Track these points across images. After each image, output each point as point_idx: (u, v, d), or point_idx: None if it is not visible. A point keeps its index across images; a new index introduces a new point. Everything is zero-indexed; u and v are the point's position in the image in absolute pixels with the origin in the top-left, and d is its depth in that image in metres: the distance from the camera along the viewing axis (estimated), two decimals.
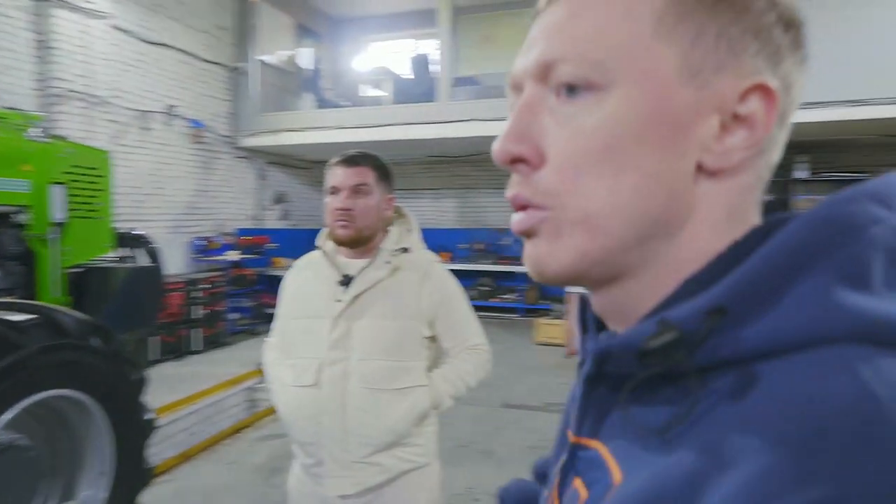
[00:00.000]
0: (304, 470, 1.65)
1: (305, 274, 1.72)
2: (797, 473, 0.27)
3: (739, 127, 0.39)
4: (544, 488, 0.54)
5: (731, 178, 0.40)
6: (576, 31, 0.40)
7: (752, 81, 0.38)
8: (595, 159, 0.39)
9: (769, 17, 0.39)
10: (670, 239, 0.40)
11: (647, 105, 0.38)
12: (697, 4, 0.39)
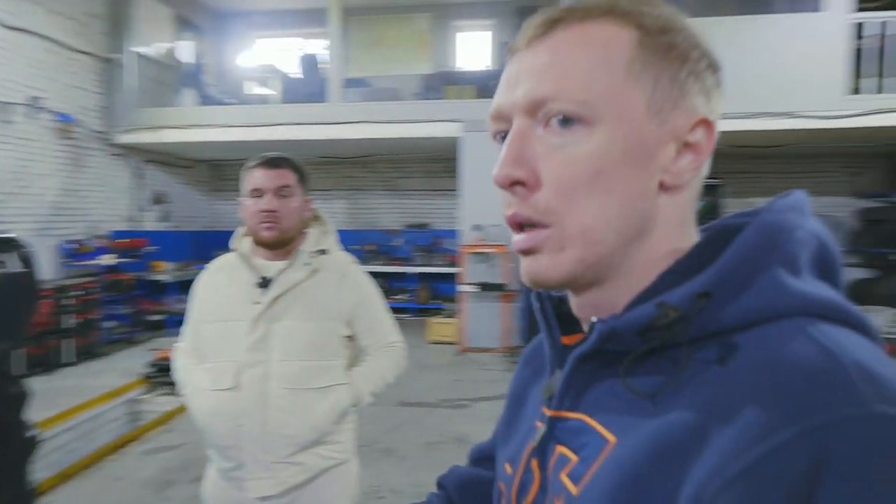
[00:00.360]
0: (221, 475, 1.65)
1: (220, 276, 1.71)
2: (784, 413, 0.37)
3: (688, 152, 0.50)
4: (502, 467, 0.62)
5: (680, 193, 0.50)
6: (562, 75, 0.48)
7: (698, 117, 0.49)
8: (587, 182, 0.48)
9: (702, 63, 0.50)
10: (641, 244, 0.49)
11: (625, 138, 0.48)
12: (654, 55, 0.48)
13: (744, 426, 0.38)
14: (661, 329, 0.44)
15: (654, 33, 0.48)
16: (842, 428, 0.35)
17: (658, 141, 0.48)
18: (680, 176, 0.49)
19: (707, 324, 0.44)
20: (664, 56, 0.48)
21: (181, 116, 7.96)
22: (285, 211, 1.63)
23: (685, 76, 0.49)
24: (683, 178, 0.49)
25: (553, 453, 0.52)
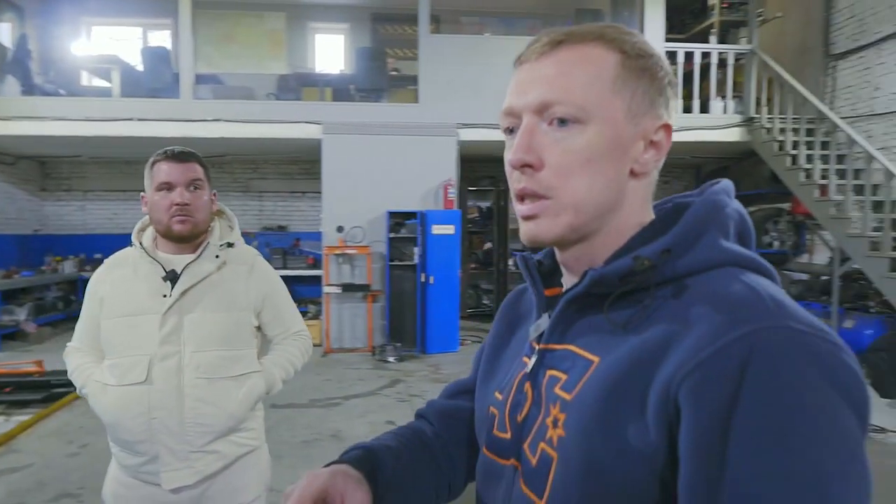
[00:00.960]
0: (128, 472, 1.64)
1: (121, 272, 1.70)
2: (724, 326, 0.53)
3: (652, 148, 0.66)
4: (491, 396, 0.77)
5: (644, 178, 0.67)
6: (565, 85, 0.63)
7: (661, 122, 0.66)
8: (579, 167, 0.63)
9: (665, 81, 0.66)
10: (614, 214, 0.66)
11: (609, 135, 0.63)
12: (632, 73, 0.65)
13: (696, 337, 0.55)
14: (636, 275, 0.62)
15: (632, 57, 0.65)
16: (762, 334, 0.53)
17: (632, 139, 0.65)
18: (645, 165, 0.67)
19: (666, 272, 0.62)
20: (639, 75, 0.65)
21: (2, 107, 7.11)
22: (198, 204, 1.67)
23: (653, 91, 0.66)
24: (648, 167, 0.67)
25: (545, 376, 0.68)
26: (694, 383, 0.53)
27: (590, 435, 0.59)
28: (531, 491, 0.65)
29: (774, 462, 0.49)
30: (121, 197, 9.91)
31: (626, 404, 0.58)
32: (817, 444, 0.49)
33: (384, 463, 0.77)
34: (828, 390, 0.51)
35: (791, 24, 8.82)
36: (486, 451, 0.75)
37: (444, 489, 0.85)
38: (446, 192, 7.46)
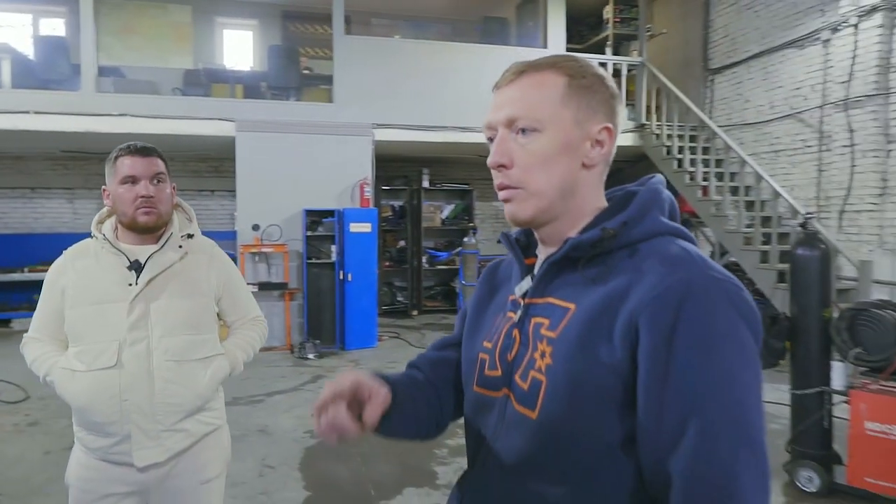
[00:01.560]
0: (95, 454, 1.72)
1: (82, 263, 1.77)
2: (667, 274, 0.76)
3: (597, 146, 0.87)
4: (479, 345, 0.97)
5: (593, 170, 0.88)
6: (526, 103, 0.85)
7: (603, 125, 0.86)
8: (539, 164, 0.85)
9: (606, 94, 0.87)
10: (573, 199, 0.87)
11: (560, 139, 0.85)
12: (576, 91, 0.85)
13: (649, 282, 0.78)
14: (603, 241, 0.84)
15: (577, 78, 0.87)
16: (693, 280, 0.76)
17: (580, 140, 0.87)
18: (594, 160, 0.88)
19: (624, 239, 0.85)
20: (583, 92, 0.87)
21: None
22: (161, 196, 1.77)
23: (595, 102, 0.88)
24: (595, 160, 0.89)
25: (530, 323, 0.89)
26: (649, 313, 0.77)
27: (572, 358, 0.81)
28: (525, 408, 0.85)
29: (701, 361, 0.74)
30: (9, 195, 9.23)
31: (598, 334, 0.80)
32: (729, 350, 0.75)
33: (396, 384, 0.98)
34: (734, 316, 0.76)
35: (675, 39, 9.68)
36: (477, 388, 0.96)
37: (433, 425, 1.06)
38: (362, 191, 7.60)
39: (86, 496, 1.73)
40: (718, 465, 0.71)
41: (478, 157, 10.07)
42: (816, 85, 7.22)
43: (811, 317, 3.42)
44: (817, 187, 7.23)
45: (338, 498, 3.43)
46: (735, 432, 0.72)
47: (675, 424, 0.73)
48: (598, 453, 0.79)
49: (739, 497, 0.70)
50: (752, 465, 0.72)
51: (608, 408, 0.79)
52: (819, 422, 3.42)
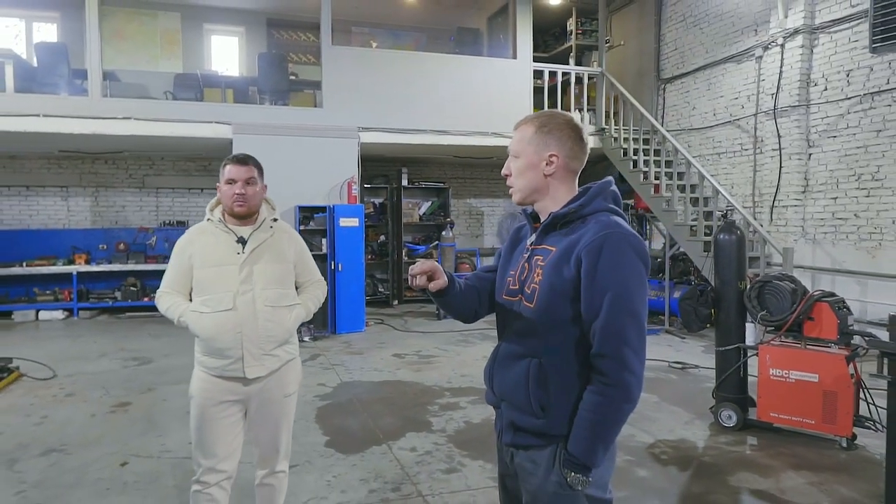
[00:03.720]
0: (212, 372, 2.43)
1: (204, 238, 2.49)
2: (600, 230, 1.48)
3: (550, 164, 1.59)
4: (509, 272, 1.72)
5: (555, 175, 1.60)
6: (515, 142, 1.63)
7: (552, 152, 1.59)
8: (519, 175, 1.62)
9: (561, 134, 1.58)
10: (546, 192, 1.61)
11: (528, 161, 1.60)
12: (539, 135, 1.59)
13: (589, 236, 1.49)
14: (570, 215, 1.56)
15: (540, 128, 1.59)
16: (611, 233, 1.47)
17: (539, 161, 1.59)
18: (549, 171, 1.59)
19: (578, 214, 1.56)
20: (541, 135, 1.59)
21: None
22: (251, 194, 2.49)
23: (548, 139, 1.58)
24: (550, 171, 1.59)
25: (533, 259, 1.60)
26: (587, 251, 1.50)
27: (549, 274, 1.58)
28: (528, 303, 1.61)
29: (611, 274, 1.49)
30: (5, 193, 9.65)
31: (563, 262, 1.52)
32: (626, 270, 1.49)
33: (454, 280, 1.74)
34: (632, 253, 1.51)
35: (631, 51, 10.64)
36: (505, 296, 1.72)
37: (472, 313, 1.83)
38: (350, 189, 8.31)
39: (206, 402, 2.45)
40: (616, 323, 1.48)
41: (453, 157, 10.87)
42: (751, 95, 8.23)
43: (730, 287, 4.31)
44: (753, 185, 8.24)
45: (353, 441, 4.18)
46: (624, 307, 1.49)
47: (597, 304, 1.50)
48: (561, 323, 1.56)
49: (625, 337, 1.47)
50: (633, 324, 1.49)
51: (567, 300, 1.55)
52: (737, 371, 4.32)
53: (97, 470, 3.66)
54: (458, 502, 3.24)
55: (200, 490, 2.45)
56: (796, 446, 3.99)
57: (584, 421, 1.48)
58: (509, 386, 1.63)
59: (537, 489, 1.55)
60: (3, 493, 3.35)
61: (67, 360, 6.43)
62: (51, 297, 9.38)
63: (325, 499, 3.28)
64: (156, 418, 4.64)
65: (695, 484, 3.48)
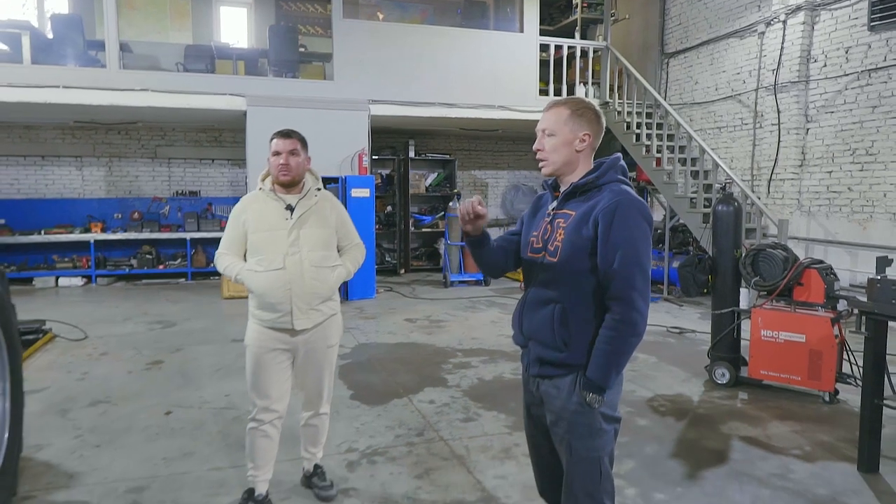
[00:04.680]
0: (264, 324, 2.74)
1: (256, 205, 2.78)
2: (613, 197, 1.81)
3: (583, 142, 1.91)
4: (532, 234, 2.03)
5: (582, 152, 1.91)
6: (550, 122, 1.91)
7: (584, 131, 1.90)
8: (553, 150, 1.91)
9: (587, 116, 1.90)
10: (573, 165, 1.92)
11: (563, 139, 1.90)
12: (572, 115, 1.89)
13: (604, 202, 1.81)
14: (588, 185, 1.89)
15: (574, 111, 1.90)
16: (622, 199, 1.80)
17: (573, 138, 1.90)
18: (581, 147, 1.91)
19: (594, 184, 1.88)
20: (575, 116, 1.89)
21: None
22: (294, 165, 2.77)
23: (581, 120, 1.89)
24: (581, 148, 1.91)
25: (555, 221, 1.92)
26: (602, 214, 1.82)
27: (570, 234, 1.89)
28: (552, 258, 1.92)
29: (622, 233, 1.81)
30: (21, 162, 9.86)
31: (582, 223, 1.85)
32: (634, 230, 1.81)
33: (487, 235, 2.05)
34: (639, 216, 1.83)
35: (636, 25, 10.78)
36: (529, 254, 2.03)
37: (499, 269, 2.15)
38: (361, 160, 8.56)
39: (259, 350, 2.77)
40: (625, 272, 1.80)
41: (459, 130, 11.08)
42: (753, 71, 8.44)
43: (726, 256, 4.62)
44: (752, 159, 8.51)
45: (376, 394, 4.52)
46: (633, 260, 1.80)
47: (610, 257, 1.81)
48: (580, 273, 1.88)
49: (633, 283, 1.79)
50: (640, 273, 1.81)
51: (585, 254, 1.86)
52: (731, 333, 4.66)
53: (144, 418, 4.01)
54: (477, 445, 3.59)
55: (256, 427, 2.79)
56: (783, 400, 4.35)
57: (600, 351, 1.81)
58: (536, 327, 1.95)
59: (561, 409, 1.88)
60: (64, 436, 3.70)
61: (95, 324, 6.75)
62: (69, 265, 9.68)
63: (356, 442, 3.63)
64: (189, 374, 4.98)
65: (689, 431, 3.84)
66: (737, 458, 3.44)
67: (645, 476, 3.20)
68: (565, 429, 1.90)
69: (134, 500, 2.94)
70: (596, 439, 1.88)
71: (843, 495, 3.02)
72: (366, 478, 3.19)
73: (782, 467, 3.32)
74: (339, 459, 3.38)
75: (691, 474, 3.24)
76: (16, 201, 9.78)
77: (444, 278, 9.48)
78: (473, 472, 3.25)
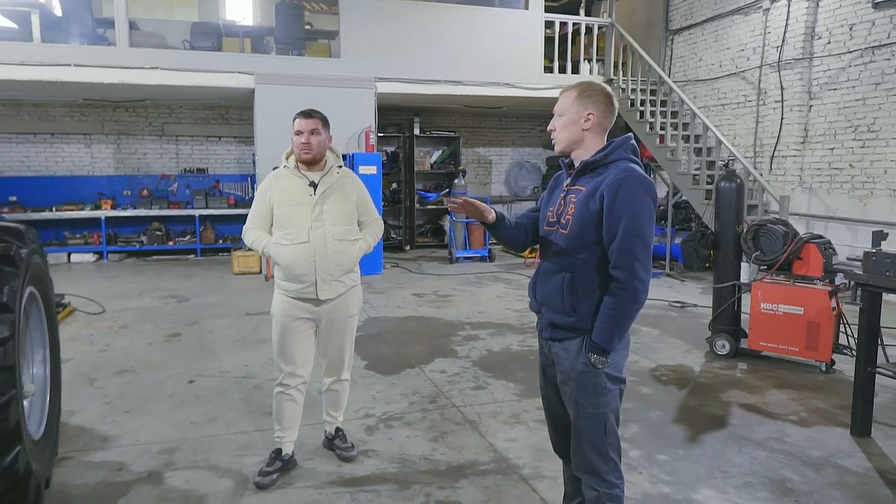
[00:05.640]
0: (290, 294, 2.89)
1: (281, 182, 2.91)
2: (619, 173, 1.93)
3: (588, 121, 2.03)
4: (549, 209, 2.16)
5: (590, 130, 2.04)
6: (560, 104, 2.07)
7: (589, 112, 2.03)
8: (562, 128, 2.07)
9: (593, 98, 2.02)
10: (582, 143, 2.06)
11: (571, 118, 2.04)
12: (580, 98, 2.03)
13: (610, 178, 1.94)
14: (597, 162, 2.02)
15: (581, 92, 2.03)
16: (627, 176, 1.92)
17: (579, 117, 2.03)
18: (587, 126, 2.04)
19: (605, 161, 2.01)
20: (583, 99, 2.03)
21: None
22: (315, 143, 2.90)
23: (587, 101, 2.02)
24: (588, 126, 2.04)
25: (568, 196, 2.06)
26: (608, 189, 1.94)
27: (580, 208, 2.03)
28: (563, 230, 2.07)
29: (626, 206, 1.93)
30: (31, 140, 9.96)
31: (591, 198, 1.99)
32: (638, 204, 1.94)
33: (503, 216, 2.21)
34: (643, 191, 1.96)
35: (640, 2, 10.77)
36: (546, 227, 2.17)
37: (521, 243, 2.29)
38: (368, 138, 8.65)
39: (285, 319, 2.92)
40: (628, 243, 1.93)
41: (464, 107, 11.14)
42: (757, 48, 8.48)
43: (728, 231, 4.76)
44: (755, 136, 8.59)
45: (389, 364, 4.70)
46: (635, 232, 1.93)
47: (614, 229, 1.94)
48: (588, 245, 2.02)
49: (635, 253, 1.93)
50: (642, 244, 1.95)
51: (592, 227, 2.00)
52: (731, 306, 4.81)
53: (169, 386, 4.19)
54: (488, 411, 3.77)
55: (283, 391, 2.96)
56: (781, 370, 4.53)
57: (604, 316, 1.96)
58: (548, 294, 2.10)
59: (569, 369, 2.05)
60: (94, 403, 3.89)
61: (111, 298, 6.93)
62: (81, 241, 9.84)
63: (372, 408, 3.82)
64: (208, 346, 5.16)
65: (691, 399, 4.02)
66: (736, 423, 3.62)
67: (648, 439, 3.39)
68: (573, 387, 2.06)
69: (167, 460, 3.13)
70: (601, 397, 2.04)
71: (835, 457, 3.20)
72: (384, 440, 3.37)
73: (779, 431, 3.50)
74: (358, 424, 3.56)
75: (692, 438, 3.42)
76: (27, 178, 9.90)
77: (450, 254, 9.63)
78: (485, 436, 3.43)
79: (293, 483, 2.91)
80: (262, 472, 2.92)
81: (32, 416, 2.76)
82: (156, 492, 2.82)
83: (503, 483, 2.92)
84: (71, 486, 2.87)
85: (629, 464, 3.03)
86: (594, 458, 2.07)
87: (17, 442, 2.24)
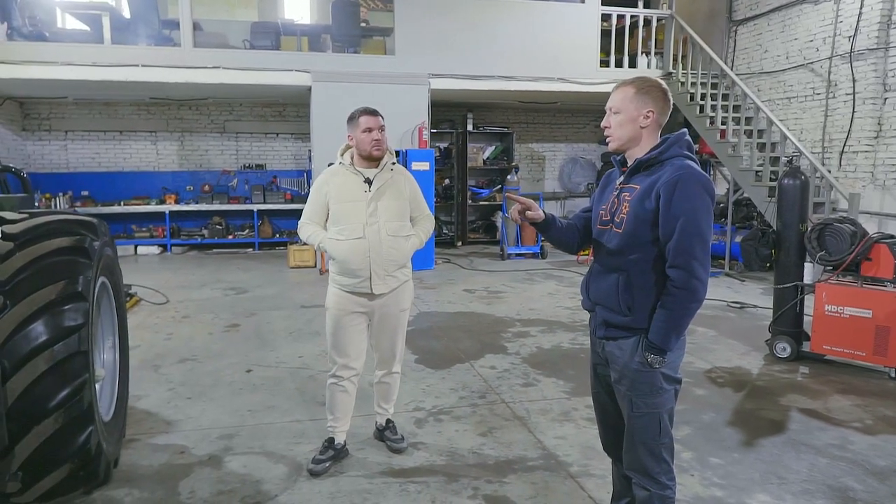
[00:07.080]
0: (345, 288, 2.96)
1: (336, 178, 2.98)
2: (676, 171, 1.91)
3: (647, 118, 2.01)
4: (601, 207, 2.15)
5: (647, 128, 2.02)
6: (615, 101, 2.03)
7: (648, 108, 2.00)
8: (618, 126, 2.03)
9: (656, 93, 2.00)
10: (637, 141, 2.03)
11: (628, 116, 2.01)
12: (637, 94, 2.00)
13: (666, 175, 1.92)
14: (653, 159, 1.99)
15: (639, 89, 2.00)
16: (684, 174, 1.90)
17: (638, 115, 2.00)
18: (645, 124, 2.01)
19: (660, 159, 1.98)
20: (642, 95, 2.00)
21: (12, 52, 7.63)
22: (384, 139, 2.96)
23: (646, 98, 1.99)
24: (647, 124, 2.01)
25: (622, 195, 2.04)
26: (664, 188, 1.93)
27: (635, 206, 2.00)
28: (618, 229, 2.05)
29: (683, 205, 1.91)
30: (101, 137, 10.49)
31: (646, 196, 1.97)
32: (696, 202, 1.91)
33: (554, 218, 2.21)
34: (701, 189, 1.93)
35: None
36: (599, 226, 2.15)
37: (574, 245, 2.28)
38: (421, 134, 8.72)
39: (339, 313, 3.00)
40: (686, 242, 1.90)
41: (517, 102, 11.07)
42: (827, 38, 8.09)
43: (791, 230, 4.58)
44: (823, 131, 8.21)
45: (439, 358, 4.75)
46: (693, 231, 1.90)
47: (671, 228, 1.92)
48: (643, 244, 1.99)
49: (693, 252, 1.89)
50: (699, 243, 1.91)
51: (648, 226, 1.97)
52: (793, 307, 4.63)
53: (228, 374, 4.36)
54: (537, 408, 3.76)
55: (336, 383, 3.04)
56: (845, 375, 4.33)
57: (662, 315, 1.93)
58: (603, 293, 2.08)
59: (624, 368, 2.02)
60: (159, 388, 4.08)
61: (174, 289, 7.24)
62: (147, 234, 10.31)
63: (423, 401, 3.87)
64: (265, 337, 5.33)
65: (747, 402, 3.89)
66: (795, 428, 3.49)
67: (701, 441, 3.31)
68: (628, 386, 2.03)
69: (226, 446, 3.26)
70: (656, 397, 2.01)
71: None
72: (433, 433, 3.41)
73: (841, 438, 3.35)
74: (408, 417, 3.62)
75: (748, 442, 3.32)
76: (97, 174, 10.44)
77: (502, 251, 9.61)
78: (534, 433, 3.42)
79: (345, 471, 2.99)
80: (316, 459, 3.00)
81: (103, 399, 2.93)
82: (215, 475, 2.95)
83: (551, 479, 2.91)
84: (137, 467, 3.03)
85: (681, 465, 2.98)
86: (647, 459, 2.04)
87: (90, 422, 2.38)
